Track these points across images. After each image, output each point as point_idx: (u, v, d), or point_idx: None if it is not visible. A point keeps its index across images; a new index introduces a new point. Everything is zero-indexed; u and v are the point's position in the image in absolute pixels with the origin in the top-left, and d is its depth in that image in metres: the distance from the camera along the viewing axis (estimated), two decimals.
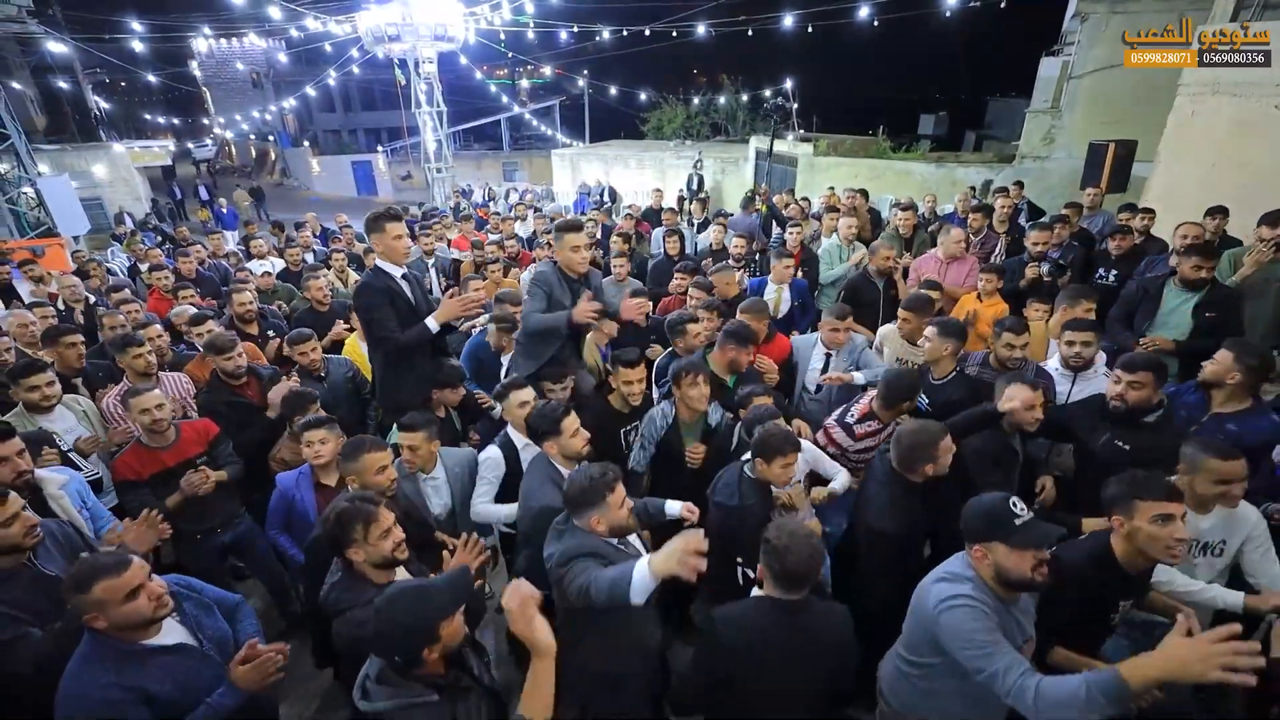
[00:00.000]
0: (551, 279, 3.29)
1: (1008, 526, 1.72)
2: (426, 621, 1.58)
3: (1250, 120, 6.17)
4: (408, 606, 1.60)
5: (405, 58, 16.98)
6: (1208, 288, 3.66)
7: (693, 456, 3.00)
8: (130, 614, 1.73)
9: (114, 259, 9.68)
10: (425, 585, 1.69)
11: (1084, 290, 3.72)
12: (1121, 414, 2.58)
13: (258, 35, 24.73)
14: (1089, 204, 5.98)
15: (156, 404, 2.93)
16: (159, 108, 38.32)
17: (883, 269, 4.60)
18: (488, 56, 24.83)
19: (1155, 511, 1.80)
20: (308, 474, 2.84)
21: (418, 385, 3.28)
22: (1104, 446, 2.61)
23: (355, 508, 2.03)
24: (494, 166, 28.54)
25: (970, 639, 1.69)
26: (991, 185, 10.45)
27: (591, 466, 2.09)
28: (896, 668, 2.05)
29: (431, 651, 1.59)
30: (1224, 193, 5.63)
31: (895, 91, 34.97)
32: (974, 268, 4.62)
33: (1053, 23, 12.07)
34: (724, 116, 23.71)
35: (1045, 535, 1.72)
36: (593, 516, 2.02)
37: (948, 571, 1.85)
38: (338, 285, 5.85)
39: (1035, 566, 1.70)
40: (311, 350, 3.76)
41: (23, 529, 2.08)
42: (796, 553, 1.81)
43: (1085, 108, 10.16)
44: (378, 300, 3.06)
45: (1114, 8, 9.64)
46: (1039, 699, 1.53)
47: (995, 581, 1.77)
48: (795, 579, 1.83)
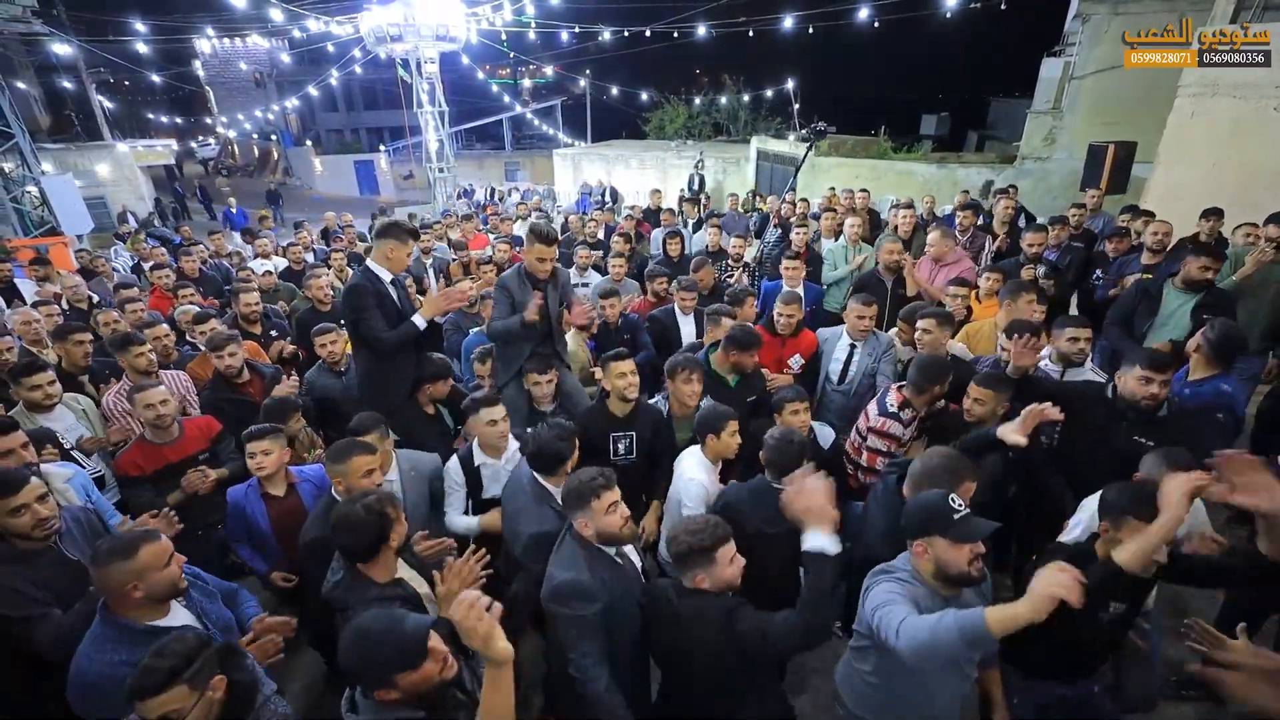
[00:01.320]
0: (512, 283, 3.36)
1: (946, 520, 1.78)
2: (388, 665, 1.51)
3: (1250, 121, 6.19)
4: (371, 645, 1.53)
5: (408, 58, 17.02)
6: (1208, 290, 3.66)
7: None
8: (166, 580, 1.85)
9: (117, 258, 9.72)
10: (395, 629, 1.55)
11: (1022, 284, 3.74)
12: (1146, 412, 2.59)
13: (261, 35, 24.80)
14: (1090, 205, 5.98)
15: (161, 399, 2.97)
16: (162, 107, 38.43)
17: (890, 265, 4.61)
18: (489, 56, 24.85)
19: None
20: (255, 485, 2.80)
21: (400, 382, 3.31)
22: (1127, 444, 2.59)
23: (376, 520, 2.01)
24: (496, 166, 28.57)
25: (875, 599, 1.78)
26: (993, 186, 10.46)
27: (588, 469, 2.08)
28: (849, 666, 2.10)
29: (406, 678, 1.51)
30: (1224, 194, 5.64)
31: (897, 91, 34.98)
32: (967, 269, 4.62)
33: (1054, 23, 12.09)
34: (725, 116, 23.73)
35: (981, 529, 1.78)
36: (580, 519, 2.02)
37: (882, 568, 1.93)
38: (338, 285, 5.88)
39: (971, 560, 1.76)
40: (332, 343, 3.75)
41: (31, 520, 2.12)
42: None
43: (1086, 109, 10.16)
44: (367, 302, 3.10)
45: (1115, 9, 9.64)
46: (904, 625, 1.61)
47: (935, 578, 1.83)
48: None
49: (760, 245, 6.42)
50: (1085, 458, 2.70)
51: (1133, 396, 2.58)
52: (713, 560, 1.85)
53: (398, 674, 1.50)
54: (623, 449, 3.05)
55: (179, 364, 4.02)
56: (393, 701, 1.54)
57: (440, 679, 1.56)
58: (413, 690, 1.53)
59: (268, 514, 2.75)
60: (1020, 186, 9.64)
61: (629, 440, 3.04)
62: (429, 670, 1.53)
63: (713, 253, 5.80)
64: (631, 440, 3.04)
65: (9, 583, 2.08)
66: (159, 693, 1.46)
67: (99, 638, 1.82)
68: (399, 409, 3.28)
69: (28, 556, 2.15)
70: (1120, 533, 1.87)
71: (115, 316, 4.45)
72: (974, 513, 1.83)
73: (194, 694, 1.51)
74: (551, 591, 2.00)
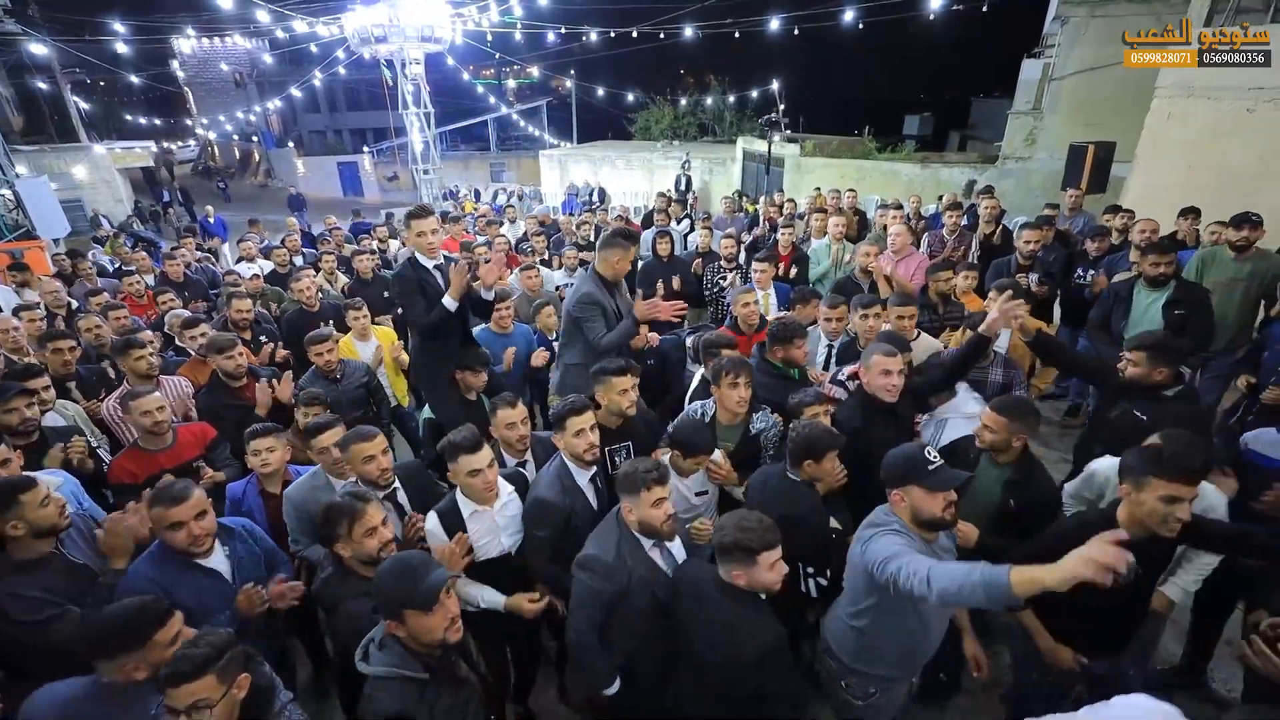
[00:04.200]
0: (598, 294, 3.44)
1: (923, 470, 1.93)
2: (407, 598, 1.69)
3: (1224, 123, 6.34)
4: (401, 573, 1.74)
5: (392, 59, 16.89)
6: (1175, 286, 3.75)
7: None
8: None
9: (95, 261, 9.55)
10: (421, 570, 1.75)
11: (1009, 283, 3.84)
12: (1139, 387, 2.77)
13: (242, 36, 24.48)
14: (1070, 205, 6.10)
15: (157, 406, 2.94)
16: (140, 108, 37.66)
17: (864, 268, 4.71)
18: (475, 57, 24.74)
19: (1165, 492, 1.85)
20: (254, 482, 2.84)
21: (442, 368, 3.49)
22: (1121, 415, 2.79)
23: (342, 504, 2.10)
24: (481, 167, 28.45)
25: (886, 551, 1.87)
26: (975, 186, 10.61)
27: (645, 459, 2.18)
28: (841, 621, 2.19)
29: (414, 617, 1.69)
30: (1200, 193, 5.78)
31: (880, 92, 35.33)
32: (922, 263, 4.83)
33: (1034, 25, 12.26)
34: (711, 117, 23.83)
35: (955, 478, 1.93)
36: (627, 504, 2.11)
37: (870, 522, 2.06)
38: (326, 287, 5.84)
39: (945, 507, 1.92)
40: (329, 351, 3.75)
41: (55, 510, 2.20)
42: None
43: (1066, 109, 10.32)
44: (407, 286, 3.32)
45: (1094, 11, 9.81)
46: (932, 574, 1.69)
47: (913, 523, 1.97)
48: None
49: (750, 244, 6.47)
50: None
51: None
52: (755, 562, 1.87)
53: (408, 609, 1.68)
54: (621, 460, 2.90)
55: (164, 370, 3.96)
56: (400, 645, 1.73)
57: (444, 637, 1.73)
58: (417, 634, 1.71)
59: (265, 511, 2.78)
60: (1003, 186, 9.79)
61: (626, 450, 2.94)
62: (436, 621, 1.70)
63: (704, 253, 5.83)
64: (629, 450, 2.95)
65: (21, 590, 2.11)
66: (192, 680, 1.54)
67: (150, 555, 2.19)
68: (442, 390, 3.51)
69: (31, 566, 2.17)
70: (1143, 493, 1.89)
71: (98, 322, 4.37)
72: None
73: (222, 686, 1.59)
74: (579, 559, 2.17)
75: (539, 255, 6.76)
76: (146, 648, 1.68)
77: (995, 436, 2.50)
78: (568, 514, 2.43)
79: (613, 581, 2.08)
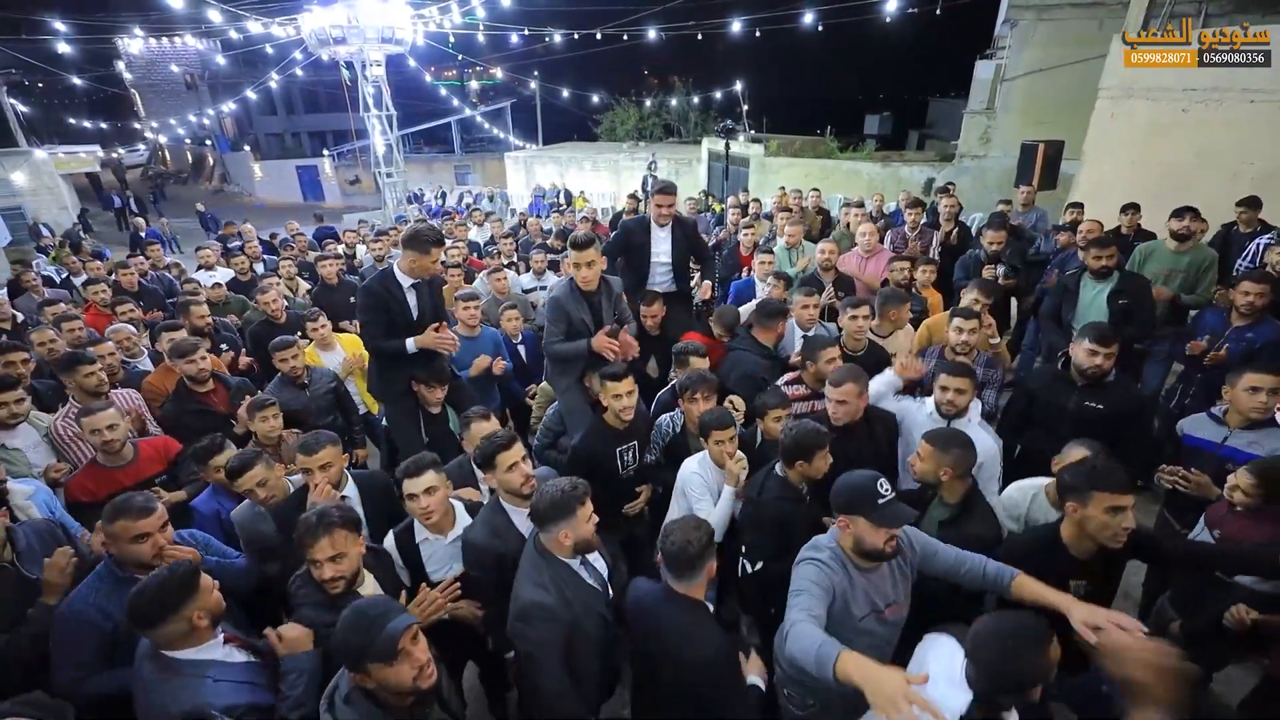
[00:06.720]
0: (566, 300, 3.34)
1: (871, 504, 1.86)
2: (363, 651, 1.55)
3: (1163, 122, 6.66)
4: (357, 626, 1.59)
5: (351, 60, 16.57)
6: (1119, 277, 3.95)
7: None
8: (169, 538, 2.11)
9: (41, 272, 9.14)
10: (379, 620, 1.60)
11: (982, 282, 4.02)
12: (1091, 379, 2.91)
13: (193, 36, 23.68)
14: (1023, 201, 6.33)
15: (109, 424, 2.82)
16: (84, 111, 36.05)
17: (824, 265, 4.82)
18: (437, 58, 24.43)
19: (1109, 503, 1.92)
20: (213, 489, 2.79)
21: (394, 380, 3.37)
22: (1078, 408, 2.91)
23: (304, 524, 1.99)
24: (446, 170, 28.09)
25: (796, 585, 1.89)
26: (934, 183, 10.92)
27: (561, 480, 2.02)
28: (783, 630, 2.19)
29: (378, 669, 1.56)
30: (1143, 189, 6.07)
31: (842, 92, 35.99)
32: (888, 260, 4.91)
33: (988, 26, 12.67)
34: (676, 118, 24.00)
35: (902, 515, 1.88)
36: (562, 530, 1.96)
37: (816, 541, 2.04)
38: (287, 293, 5.71)
39: (887, 540, 1.88)
40: (293, 357, 3.69)
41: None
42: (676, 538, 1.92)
43: (1018, 109, 10.71)
44: (372, 302, 3.19)
45: (1041, 14, 10.19)
46: (792, 632, 1.71)
47: (854, 551, 1.94)
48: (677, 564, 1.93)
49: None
50: (1048, 424, 3.01)
51: (1080, 366, 2.91)
52: (695, 569, 1.91)
53: (369, 662, 1.55)
54: (629, 459, 2.97)
55: (125, 382, 3.84)
56: (368, 698, 1.59)
57: (414, 685, 1.58)
58: (385, 685, 1.57)
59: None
60: (960, 184, 10.09)
61: (632, 450, 2.98)
62: (403, 671, 1.56)
63: None
64: (634, 449, 2.99)
65: None
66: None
67: (97, 574, 2.09)
68: (396, 403, 3.40)
69: None
70: (1089, 509, 1.95)
71: (52, 335, 4.18)
72: None
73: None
74: (519, 614, 1.95)
75: (506, 258, 6.74)
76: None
77: (924, 466, 2.37)
78: (498, 556, 2.19)
79: (561, 621, 1.93)
